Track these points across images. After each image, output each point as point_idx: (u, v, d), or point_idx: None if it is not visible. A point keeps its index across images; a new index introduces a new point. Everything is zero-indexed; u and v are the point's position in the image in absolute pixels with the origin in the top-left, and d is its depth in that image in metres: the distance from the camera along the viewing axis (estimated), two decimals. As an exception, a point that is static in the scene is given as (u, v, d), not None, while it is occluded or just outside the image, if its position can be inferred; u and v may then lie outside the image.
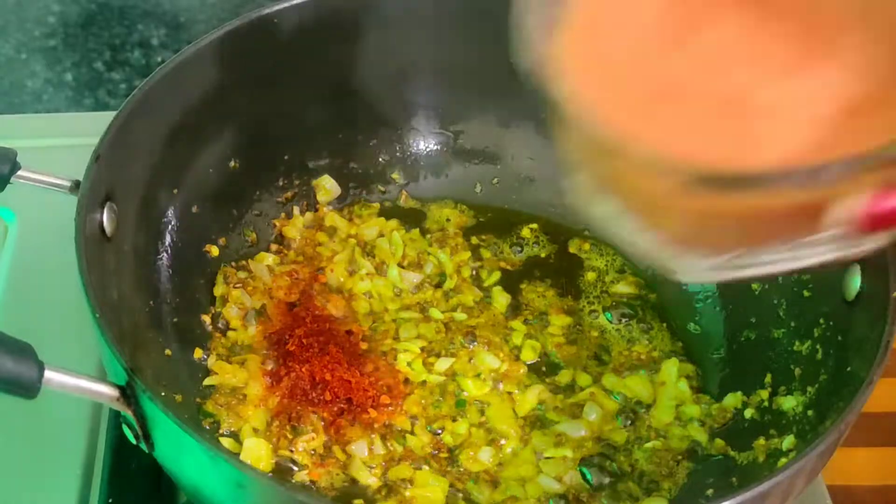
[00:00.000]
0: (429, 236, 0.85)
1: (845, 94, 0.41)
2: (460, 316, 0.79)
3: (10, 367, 0.52)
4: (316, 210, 0.85)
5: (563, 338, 0.78)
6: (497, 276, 0.82)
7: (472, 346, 0.76)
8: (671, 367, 0.75)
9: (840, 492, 0.76)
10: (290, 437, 0.70)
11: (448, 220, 0.86)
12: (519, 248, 0.84)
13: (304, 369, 0.72)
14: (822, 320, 0.69)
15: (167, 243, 0.74)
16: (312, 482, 0.68)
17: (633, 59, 0.44)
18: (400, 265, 0.82)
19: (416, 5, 0.82)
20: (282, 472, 0.68)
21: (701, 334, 0.78)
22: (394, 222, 0.85)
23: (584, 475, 0.69)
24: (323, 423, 0.70)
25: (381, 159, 0.87)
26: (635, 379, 0.75)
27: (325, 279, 0.80)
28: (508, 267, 0.83)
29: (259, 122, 0.80)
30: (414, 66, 0.85)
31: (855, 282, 0.65)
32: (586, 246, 0.84)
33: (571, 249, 0.84)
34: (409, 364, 0.75)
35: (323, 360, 0.72)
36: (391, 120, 0.87)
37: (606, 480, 0.69)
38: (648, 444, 0.71)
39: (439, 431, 0.72)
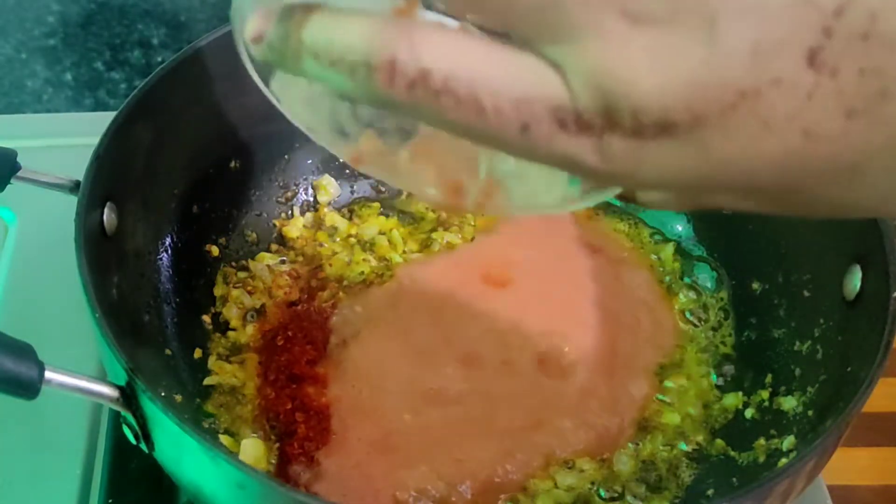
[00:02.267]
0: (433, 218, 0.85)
1: None
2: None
3: (10, 367, 0.52)
4: (316, 210, 0.85)
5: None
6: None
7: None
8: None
9: (840, 492, 0.76)
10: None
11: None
12: (521, 249, 0.84)
13: (283, 358, 0.72)
14: (822, 320, 0.69)
15: (167, 243, 0.74)
16: (312, 482, 0.68)
17: None
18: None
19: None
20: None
21: (701, 334, 0.78)
22: (393, 221, 0.85)
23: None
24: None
25: (381, 159, 0.87)
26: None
27: (323, 274, 0.80)
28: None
29: (259, 121, 0.80)
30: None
31: (855, 282, 0.65)
32: (587, 246, 0.84)
33: (572, 249, 0.84)
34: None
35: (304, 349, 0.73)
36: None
37: (612, 485, 0.68)
38: (659, 445, 0.70)
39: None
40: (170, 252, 0.74)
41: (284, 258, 0.81)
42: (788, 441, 0.66)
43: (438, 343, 0.74)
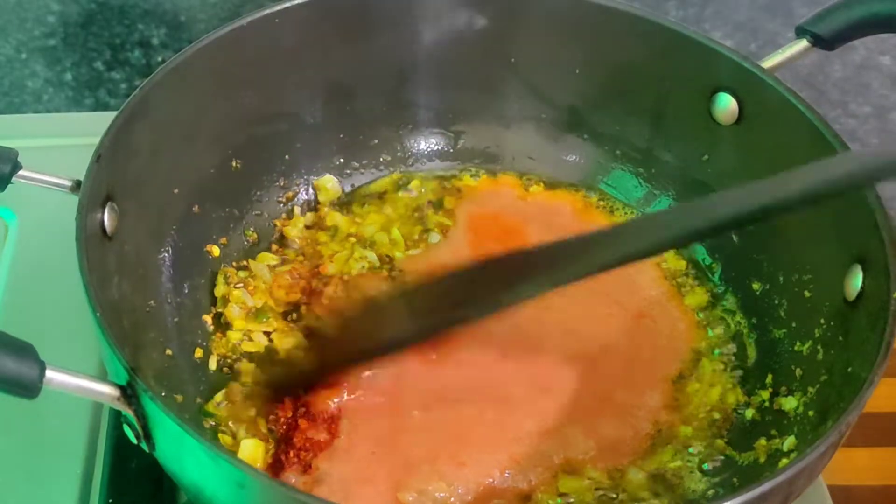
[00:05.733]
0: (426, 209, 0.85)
1: None
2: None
3: (10, 366, 0.52)
4: (317, 210, 0.85)
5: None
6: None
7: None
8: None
9: (840, 492, 0.76)
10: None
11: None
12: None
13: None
14: (822, 320, 0.69)
15: (168, 243, 0.74)
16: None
17: None
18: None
19: (416, 5, 0.82)
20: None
21: (703, 335, 0.78)
22: (393, 217, 0.85)
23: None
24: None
25: (381, 159, 0.87)
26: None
27: (325, 273, 0.80)
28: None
29: (260, 121, 0.80)
30: (414, 66, 0.85)
31: (856, 282, 0.65)
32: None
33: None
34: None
35: None
36: (391, 120, 0.87)
37: (616, 491, 0.68)
38: (669, 458, 0.70)
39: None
40: (170, 252, 0.74)
41: (285, 258, 0.81)
42: (789, 441, 0.66)
43: (456, 341, 0.72)
